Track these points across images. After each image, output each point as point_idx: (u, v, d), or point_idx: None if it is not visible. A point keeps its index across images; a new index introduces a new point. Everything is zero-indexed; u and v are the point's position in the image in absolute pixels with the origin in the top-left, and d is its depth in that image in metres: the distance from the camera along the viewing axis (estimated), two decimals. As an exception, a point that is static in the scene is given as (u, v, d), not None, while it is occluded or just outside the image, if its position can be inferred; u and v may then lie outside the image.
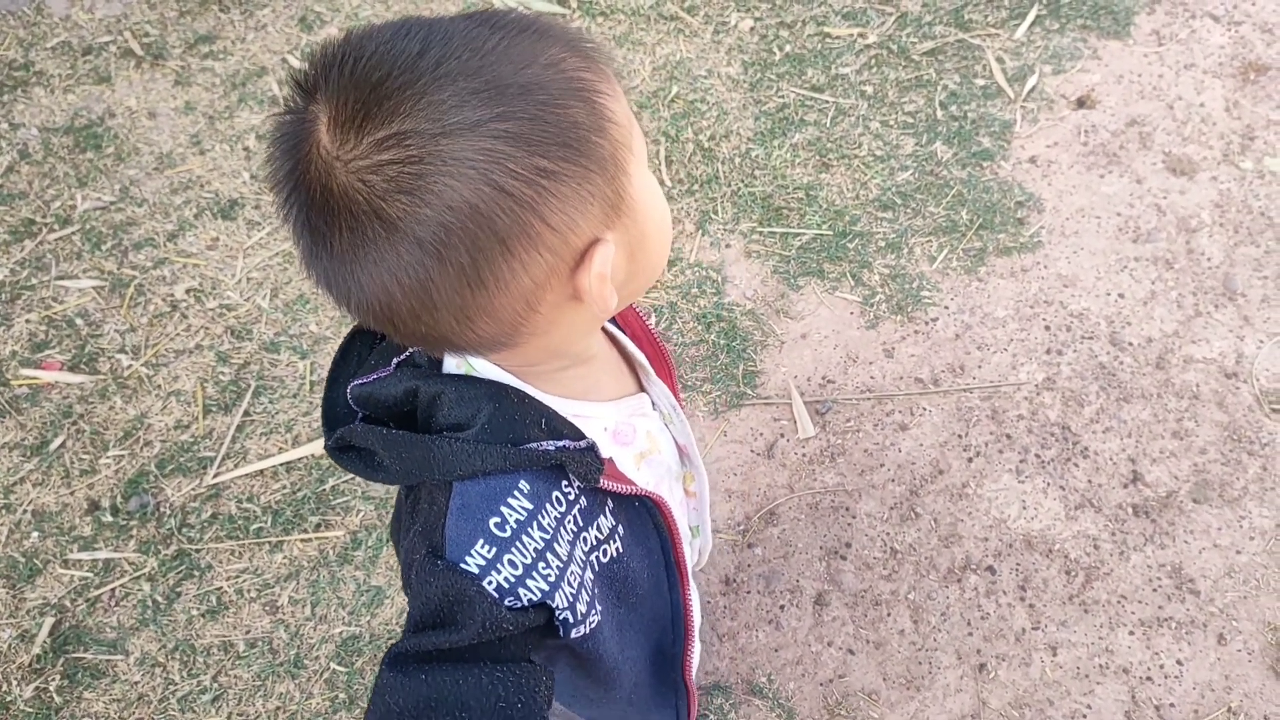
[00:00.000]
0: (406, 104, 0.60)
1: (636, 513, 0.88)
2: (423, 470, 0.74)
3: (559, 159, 0.63)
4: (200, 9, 2.90)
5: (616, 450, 0.91)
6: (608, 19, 2.80)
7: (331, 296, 0.68)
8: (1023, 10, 2.73)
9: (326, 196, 0.62)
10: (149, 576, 1.94)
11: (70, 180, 2.53)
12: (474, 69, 0.61)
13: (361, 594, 1.90)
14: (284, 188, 0.65)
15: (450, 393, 0.75)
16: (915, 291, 2.24)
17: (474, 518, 0.73)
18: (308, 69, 0.64)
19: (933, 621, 1.83)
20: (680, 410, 1.03)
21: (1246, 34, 2.62)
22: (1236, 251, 2.24)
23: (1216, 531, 1.88)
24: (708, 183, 2.44)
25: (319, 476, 2.04)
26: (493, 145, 0.60)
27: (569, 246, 0.66)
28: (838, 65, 2.65)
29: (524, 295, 0.66)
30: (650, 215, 0.74)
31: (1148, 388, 2.06)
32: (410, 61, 0.61)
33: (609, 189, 0.66)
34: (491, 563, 0.72)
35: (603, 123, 0.65)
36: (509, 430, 0.75)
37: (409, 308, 0.65)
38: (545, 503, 0.77)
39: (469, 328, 0.67)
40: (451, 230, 0.61)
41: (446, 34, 0.62)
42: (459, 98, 0.60)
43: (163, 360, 2.21)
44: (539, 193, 0.62)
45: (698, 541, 1.20)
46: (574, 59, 0.66)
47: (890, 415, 2.08)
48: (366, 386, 0.79)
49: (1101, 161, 2.42)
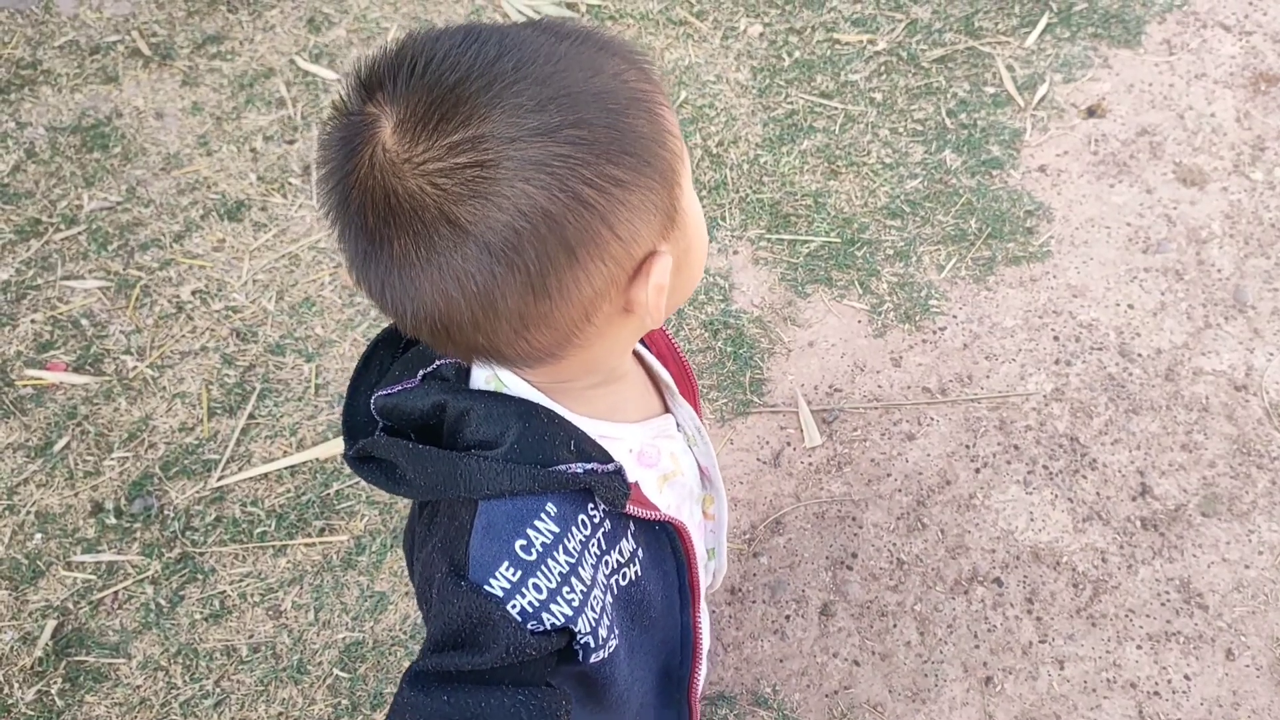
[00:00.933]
0: (484, 107, 0.59)
1: (656, 536, 0.88)
2: (448, 487, 0.72)
3: (630, 168, 0.62)
4: (208, 9, 2.89)
5: (641, 472, 0.90)
6: (616, 23, 2.80)
7: (384, 305, 0.66)
8: (1033, 18, 2.72)
9: (391, 199, 0.60)
10: (152, 579, 1.93)
11: (77, 180, 2.52)
12: (547, 75, 0.60)
13: (365, 599, 1.89)
14: (339, 191, 0.63)
15: (479, 409, 0.74)
16: (923, 300, 2.23)
17: (499, 539, 0.72)
18: (369, 69, 0.63)
19: (939, 633, 1.82)
20: (704, 432, 1.02)
21: (1258, 44, 2.61)
22: (1247, 263, 2.22)
23: (1225, 546, 1.87)
24: (716, 189, 2.43)
25: (323, 480, 2.03)
26: (569, 151, 0.59)
27: (630, 257, 0.66)
28: (847, 72, 2.64)
29: (583, 305, 0.66)
30: (696, 229, 0.74)
31: (1157, 399, 2.05)
32: (487, 65, 0.60)
33: (668, 200, 0.66)
34: (516, 586, 0.72)
35: (664, 135, 0.65)
36: (538, 450, 0.74)
37: (470, 316, 0.63)
38: (571, 525, 0.76)
39: (525, 337, 0.66)
40: (523, 235, 0.60)
41: (518, 41, 0.62)
42: (535, 103, 0.59)
43: (168, 362, 2.21)
44: (609, 200, 0.62)
45: (713, 564, 1.19)
46: (633, 71, 0.66)
47: (898, 425, 2.07)
48: (392, 398, 0.78)
49: (1112, 171, 2.41)
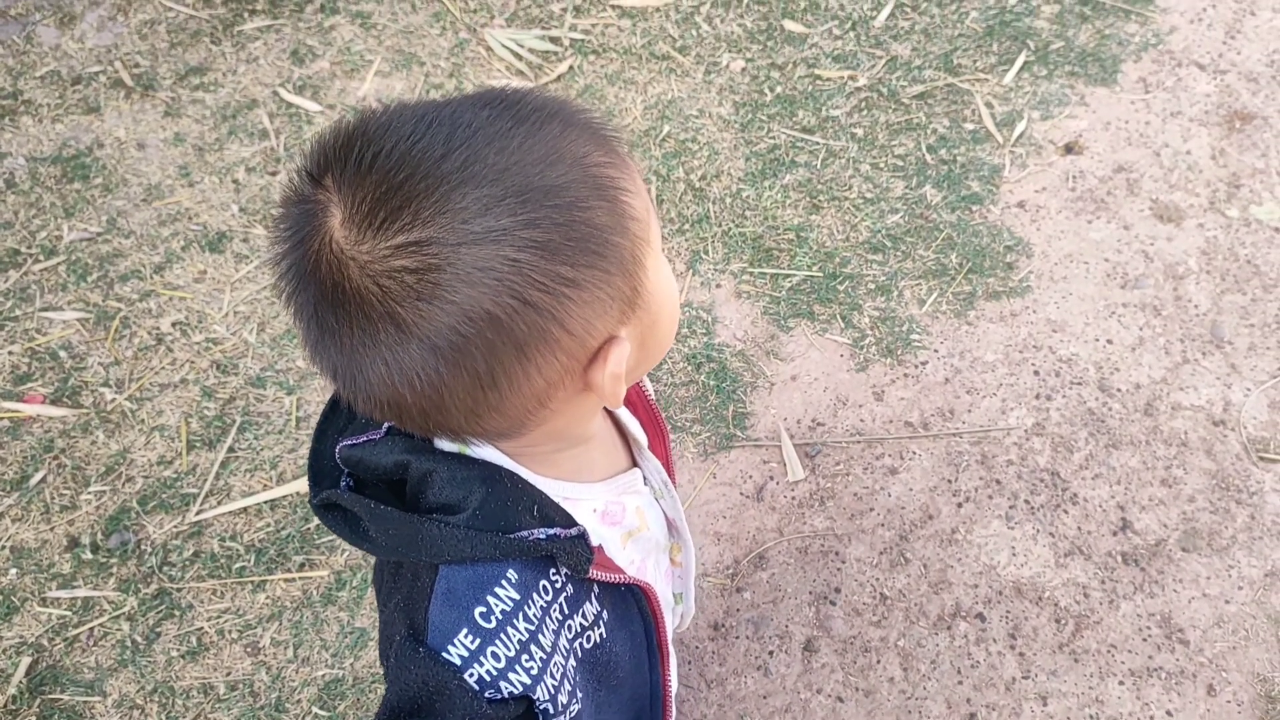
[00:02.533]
0: (428, 210, 0.58)
1: (622, 597, 0.87)
2: (409, 549, 0.72)
3: (582, 265, 0.62)
4: (192, 40, 2.90)
5: (605, 531, 0.89)
6: (600, 57, 2.81)
7: (339, 387, 0.66)
8: (1011, 56, 2.75)
9: (338, 293, 0.60)
10: (129, 616, 1.91)
11: (57, 211, 2.51)
12: (498, 172, 0.59)
13: (345, 635, 1.87)
14: (292, 277, 0.63)
15: (443, 472, 0.74)
16: (905, 335, 2.24)
17: (459, 605, 0.72)
18: (318, 153, 0.62)
19: (922, 669, 1.82)
20: (672, 485, 1.02)
21: (1232, 83, 2.65)
22: (1223, 299, 2.25)
23: (1205, 581, 1.88)
24: (698, 222, 2.45)
25: (304, 515, 2.01)
26: (515, 255, 0.59)
27: (585, 348, 0.66)
28: (828, 107, 2.66)
29: (536, 394, 0.66)
30: (663, 302, 0.73)
31: (1136, 434, 2.06)
32: (434, 164, 0.59)
33: (627, 287, 0.66)
34: (475, 654, 0.71)
35: (624, 222, 0.65)
36: (500, 517, 0.73)
37: (419, 407, 0.64)
38: (532, 592, 0.75)
39: (477, 423, 0.67)
40: (468, 339, 0.60)
41: (470, 129, 0.61)
42: (482, 204, 0.58)
43: (147, 394, 2.19)
44: (559, 301, 0.61)
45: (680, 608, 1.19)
46: (597, 153, 0.64)
47: (880, 459, 2.07)
48: (357, 449, 0.77)
49: (1089, 207, 2.44)
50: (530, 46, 2.83)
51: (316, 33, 2.91)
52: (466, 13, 2.93)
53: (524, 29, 2.88)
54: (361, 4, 2.97)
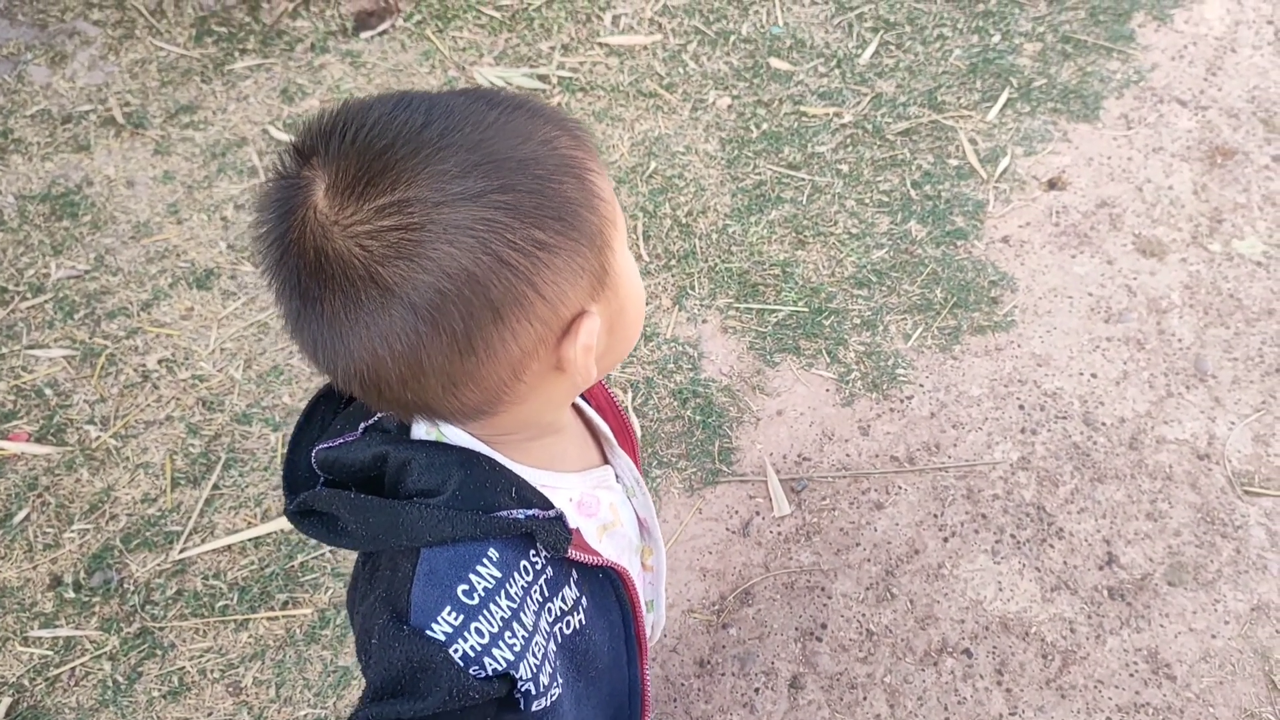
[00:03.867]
0: (409, 172, 0.61)
1: (600, 584, 0.88)
2: (390, 536, 0.73)
3: (554, 231, 0.64)
4: (182, 79, 2.92)
5: (581, 521, 0.91)
6: (587, 94, 2.84)
7: (317, 362, 0.68)
8: (995, 93, 2.78)
9: (321, 259, 0.62)
10: (110, 655, 1.89)
11: (45, 248, 2.52)
12: (474, 142, 0.63)
13: (328, 674, 1.86)
14: (274, 251, 0.65)
15: (421, 459, 0.75)
16: (890, 369, 2.25)
17: (441, 584, 0.73)
18: (304, 135, 0.65)
19: (909, 706, 1.81)
20: (643, 484, 1.03)
21: (1213, 119, 2.68)
22: (1207, 333, 2.26)
23: (1192, 615, 1.87)
24: (685, 258, 2.46)
25: (288, 552, 2.00)
26: (492, 215, 0.62)
27: (558, 317, 0.68)
28: (814, 144, 2.68)
29: (511, 364, 0.68)
30: (629, 290, 0.76)
31: (1121, 468, 2.07)
32: (414, 132, 0.62)
33: (596, 262, 0.69)
34: (458, 630, 0.72)
35: (593, 199, 0.68)
36: (479, 497, 0.75)
37: (398, 374, 0.65)
38: (514, 571, 0.76)
39: (454, 394, 0.68)
40: (447, 296, 0.62)
41: (447, 108, 0.64)
42: (460, 169, 0.62)
43: (132, 432, 2.19)
44: (533, 263, 0.64)
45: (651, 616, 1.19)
46: (565, 138, 0.68)
47: (866, 494, 2.07)
48: (333, 450, 0.79)
49: (1073, 242, 2.46)
50: (518, 84, 2.85)
51: (306, 71, 2.93)
52: (455, 51, 2.96)
53: (512, 67, 2.91)
54: (351, 43, 3.00)
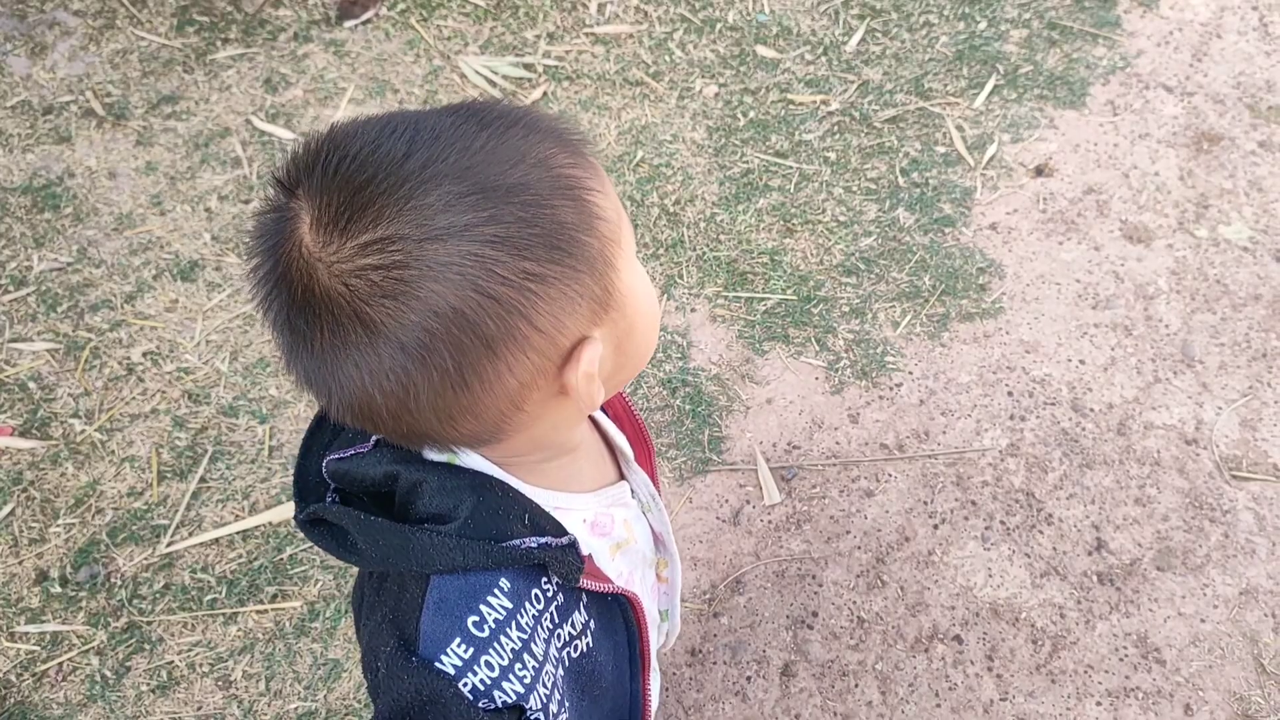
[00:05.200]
0: (391, 208, 0.59)
1: (608, 606, 0.87)
2: (400, 560, 0.71)
3: (547, 261, 0.62)
4: (164, 69, 2.89)
5: (594, 542, 0.89)
6: (574, 83, 2.82)
7: (312, 393, 0.67)
8: (981, 80, 2.78)
9: (308, 297, 0.61)
10: (98, 650, 1.88)
11: (27, 241, 2.49)
12: (461, 170, 0.60)
13: (318, 667, 1.85)
14: (264, 285, 0.64)
15: (433, 482, 0.74)
16: (879, 357, 2.25)
17: (451, 615, 0.71)
18: (290, 165, 0.63)
19: (900, 693, 1.81)
20: (659, 498, 1.02)
21: (1199, 104, 2.69)
22: (1194, 318, 2.27)
23: (1181, 600, 1.88)
24: (673, 247, 2.45)
25: (276, 545, 1.99)
26: (479, 250, 0.59)
27: (556, 347, 0.65)
28: (801, 131, 2.68)
29: (509, 395, 0.66)
30: (639, 306, 0.73)
31: (1110, 454, 2.07)
32: (396, 164, 0.60)
33: (597, 287, 0.66)
34: (469, 663, 0.70)
35: (591, 220, 0.65)
36: (492, 525, 0.73)
37: (389, 409, 0.64)
38: (525, 601, 0.75)
39: (452, 427, 0.66)
40: (436, 335, 0.60)
41: (434, 132, 0.62)
42: (445, 201, 0.59)
43: (117, 425, 2.17)
44: (526, 297, 0.61)
45: (665, 625, 1.19)
46: (562, 155, 0.65)
47: (856, 481, 2.07)
48: (344, 462, 0.77)
49: (1060, 229, 2.46)
50: (504, 73, 2.84)
51: (290, 61, 2.91)
52: (440, 40, 2.94)
53: (498, 56, 2.89)
54: (334, 32, 2.98)
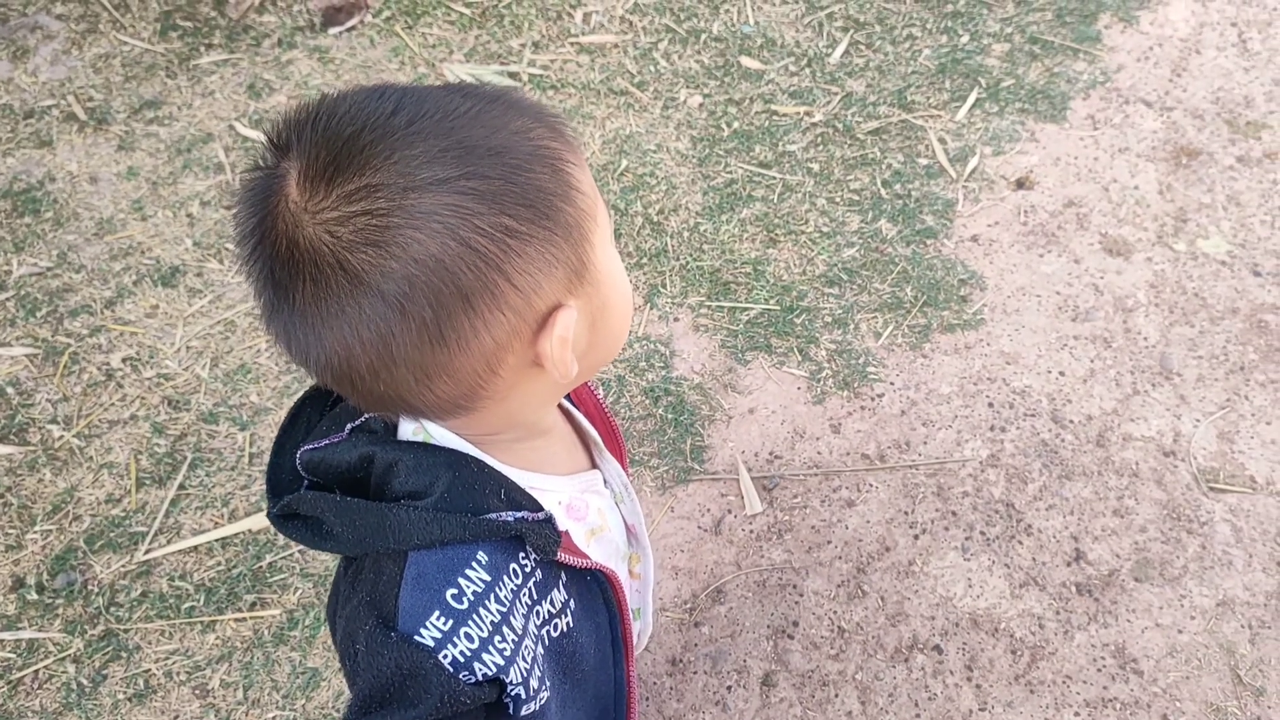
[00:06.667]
0: (377, 158, 0.61)
1: (588, 587, 0.87)
2: (376, 539, 0.72)
3: (526, 219, 0.64)
4: (147, 74, 2.88)
5: (570, 524, 0.90)
6: (558, 92, 2.83)
7: (290, 353, 0.67)
8: (963, 93, 2.80)
9: (292, 249, 0.62)
10: (74, 658, 1.86)
11: (6, 245, 2.47)
12: (445, 130, 0.62)
13: (297, 676, 1.84)
14: (249, 241, 0.65)
15: (408, 460, 0.74)
16: (861, 367, 2.25)
17: (430, 589, 0.71)
18: (280, 127, 0.65)
19: (880, 703, 1.81)
20: (631, 489, 1.02)
21: (1178, 119, 2.71)
22: (1172, 331, 2.29)
23: (1158, 610, 1.89)
24: (656, 256, 2.45)
25: (255, 553, 1.98)
26: (460, 201, 0.61)
27: (532, 308, 0.67)
28: (785, 142, 2.69)
29: (485, 356, 0.67)
30: (613, 287, 0.75)
31: (1089, 465, 2.09)
32: (383, 119, 0.62)
33: (573, 255, 0.68)
34: (448, 636, 0.71)
35: (569, 190, 0.67)
36: (468, 499, 0.74)
37: (368, 364, 0.65)
38: (503, 574, 0.75)
39: (428, 387, 0.67)
40: (415, 284, 0.61)
41: (420, 98, 0.64)
42: (429, 155, 0.61)
43: (95, 431, 2.15)
44: (504, 250, 0.63)
45: (638, 624, 1.19)
46: (542, 129, 0.68)
47: (837, 491, 2.08)
48: (318, 452, 0.78)
49: (1041, 241, 2.48)
50: (489, 82, 2.84)
51: (274, 67, 2.90)
52: (425, 48, 2.94)
53: (482, 64, 2.89)
54: (319, 39, 2.97)
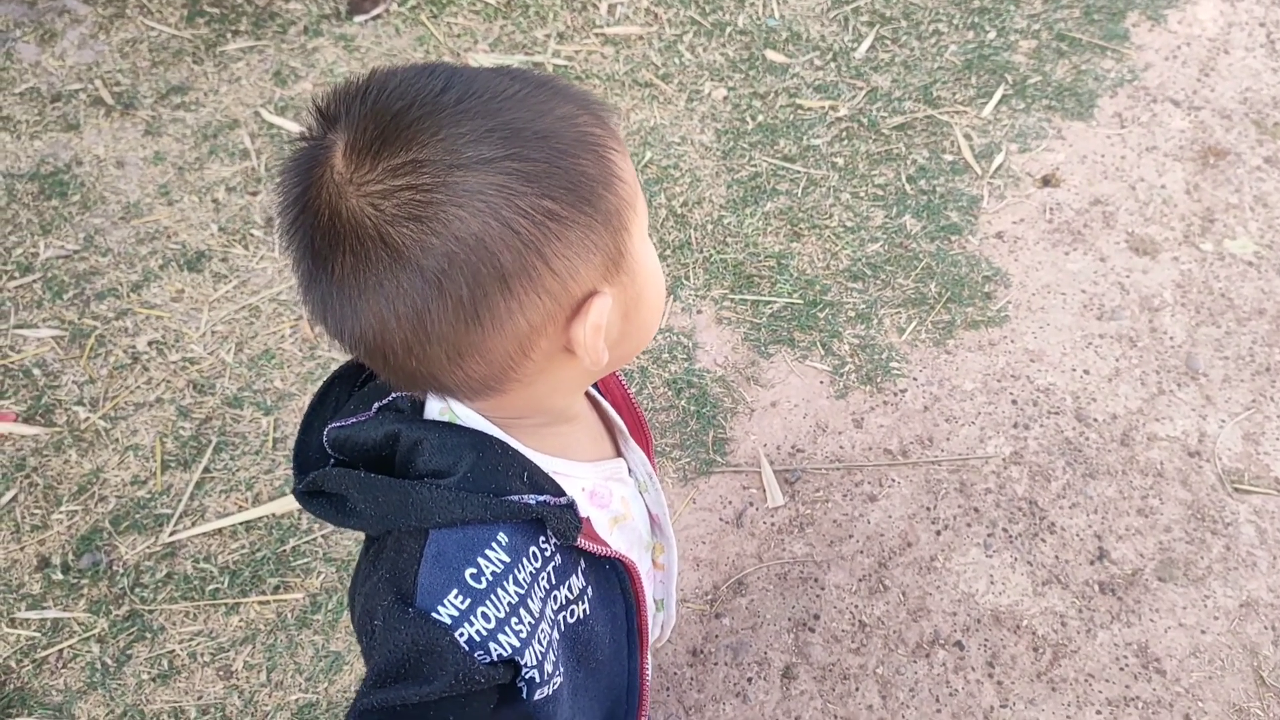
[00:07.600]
0: (424, 134, 0.61)
1: (606, 575, 0.88)
2: (399, 516, 0.72)
3: (567, 204, 0.64)
4: (173, 59, 2.89)
5: (593, 511, 0.90)
6: (583, 84, 2.83)
7: (325, 325, 0.68)
8: (990, 89, 2.79)
9: (334, 220, 0.63)
10: (99, 638, 1.88)
11: (34, 227, 2.49)
12: (492, 111, 0.63)
13: (320, 659, 1.85)
14: (291, 210, 0.66)
15: (433, 439, 0.75)
16: (884, 362, 2.25)
17: (449, 567, 0.72)
18: (330, 99, 0.66)
19: (901, 697, 1.81)
20: (656, 479, 1.02)
21: (1206, 119, 2.70)
22: (1198, 331, 2.28)
23: (1182, 610, 1.89)
24: (680, 248, 2.45)
25: (279, 536, 1.99)
26: (504, 182, 0.61)
27: (568, 293, 0.67)
28: (809, 136, 2.68)
29: (518, 337, 0.67)
30: (648, 278, 0.75)
31: (1113, 464, 2.08)
32: (432, 97, 0.62)
33: (611, 243, 0.68)
34: (465, 614, 0.71)
35: (611, 179, 0.67)
36: (491, 480, 0.74)
37: (403, 339, 0.65)
38: (522, 557, 0.75)
39: (460, 366, 0.67)
40: (455, 261, 0.62)
41: (469, 78, 0.65)
42: (476, 134, 0.61)
43: (121, 413, 2.17)
44: (544, 233, 0.63)
45: (661, 615, 1.19)
46: (587, 116, 0.68)
47: (859, 486, 2.07)
48: (345, 429, 0.78)
49: (1066, 239, 2.47)
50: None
51: (300, 54, 2.91)
52: (450, 37, 2.94)
53: (508, 54, 2.90)
54: (345, 27, 2.98)
